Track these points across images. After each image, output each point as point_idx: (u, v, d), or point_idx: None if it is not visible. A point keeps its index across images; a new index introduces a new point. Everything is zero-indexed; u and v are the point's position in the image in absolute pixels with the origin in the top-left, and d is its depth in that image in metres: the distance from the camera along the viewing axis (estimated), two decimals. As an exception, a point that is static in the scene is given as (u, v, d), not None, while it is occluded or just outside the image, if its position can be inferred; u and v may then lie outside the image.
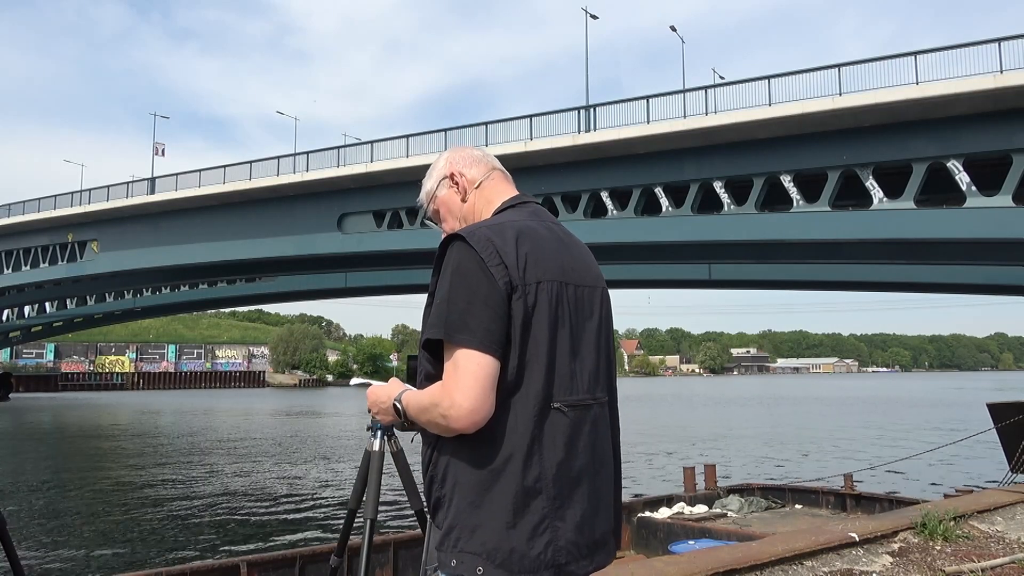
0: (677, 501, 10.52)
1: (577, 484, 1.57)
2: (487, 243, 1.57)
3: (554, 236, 1.70)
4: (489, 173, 1.88)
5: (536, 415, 1.54)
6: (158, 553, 11.13)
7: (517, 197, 1.82)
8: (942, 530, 5.23)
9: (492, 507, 1.51)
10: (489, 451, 1.53)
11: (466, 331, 1.51)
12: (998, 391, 62.85)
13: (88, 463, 22.21)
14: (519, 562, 1.49)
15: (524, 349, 1.55)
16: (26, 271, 43.99)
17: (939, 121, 19.55)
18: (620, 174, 24.91)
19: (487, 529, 1.50)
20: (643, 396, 72.13)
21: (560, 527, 1.53)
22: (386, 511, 13.11)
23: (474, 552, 1.51)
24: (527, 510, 1.50)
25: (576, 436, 1.59)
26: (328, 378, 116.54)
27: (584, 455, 1.60)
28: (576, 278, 1.68)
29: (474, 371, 1.50)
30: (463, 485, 1.55)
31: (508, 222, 1.66)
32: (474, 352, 1.50)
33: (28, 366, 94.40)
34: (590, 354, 1.67)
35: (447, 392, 1.51)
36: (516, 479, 1.51)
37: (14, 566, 2.76)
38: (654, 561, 4.73)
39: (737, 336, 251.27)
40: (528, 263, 1.58)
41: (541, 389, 1.55)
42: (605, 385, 1.71)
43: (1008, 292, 31.77)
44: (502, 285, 1.54)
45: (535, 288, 1.57)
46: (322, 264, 36.08)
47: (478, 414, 1.50)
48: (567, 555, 1.53)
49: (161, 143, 45.62)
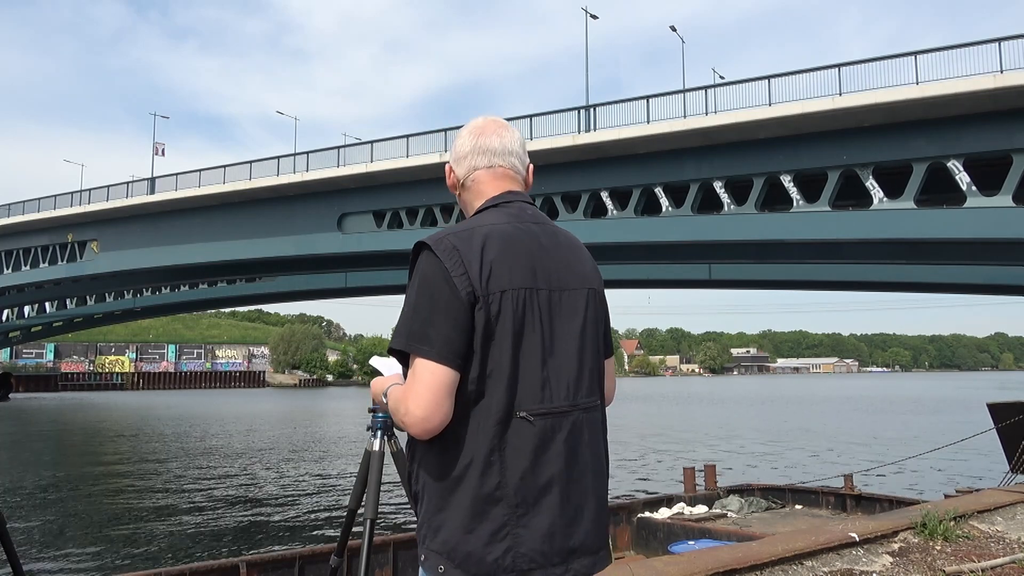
0: (677, 501, 10.52)
1: (546, 492, 1.56)
2: (452, 252, 1.57)
3: (532, 239, 1.66)
4: (471, 173, 1.82)
5: (496, 424, 1.54)
6: (158, 553, 11.13)
7: (499, 196, 1.76)
8: (942, 530, 5.22)
9: (452, 511, 1.54)
10: (450, 458, 1.56)
11: (425, 342, 1.53)
12: (999, 390, 62.87)
13: (88, 463, 22.21)
14: (476, 565, 1.51)
15: (486, 359, 1.55)
16: (26, 271, 44.00)
17: (939, 121, 19.55)
18: (620, 174, 24.91)
19: (448, 530, 1.54)
20: (643, 396, 72.16)
21: (522, 534, 1.53)
22: (386, 511, 13.11)
23: (436, 551, 1.55)
24: (485, 517, 1.52)
25: (546, 444, 1.57)
26: (328, 378, 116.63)
27: (556, 463, 1.58)
28: (553, 282, 1.64)
29: (428, 381, 1.52)
30: (429, 486, 1.59)
31: (479, 226, 1.64)
32: (430, 363, 1.52)
33: (28, 366, 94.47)
34: (570, 359, 1.64)
35: (404, 399, 1.56)
36: (474, 486, 1.53)
37: (14, 566, 2.76)
38: (654, 561, 4.73)
39: (737, 336, 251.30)
40: (493, 271, 1.57)
41: (503, 399, 1.55)
42: (590, 389, 1.68)
43: (1008, 292, 31.76)
44: (464, 295, 1.54)
45: (499, 297, 1.56)
46: (322, 264, 36.09)
47: (430, 423, 1.52)
48: (530, 562, 1.53)
49: (161, 143, 45.69)
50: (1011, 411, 9.36)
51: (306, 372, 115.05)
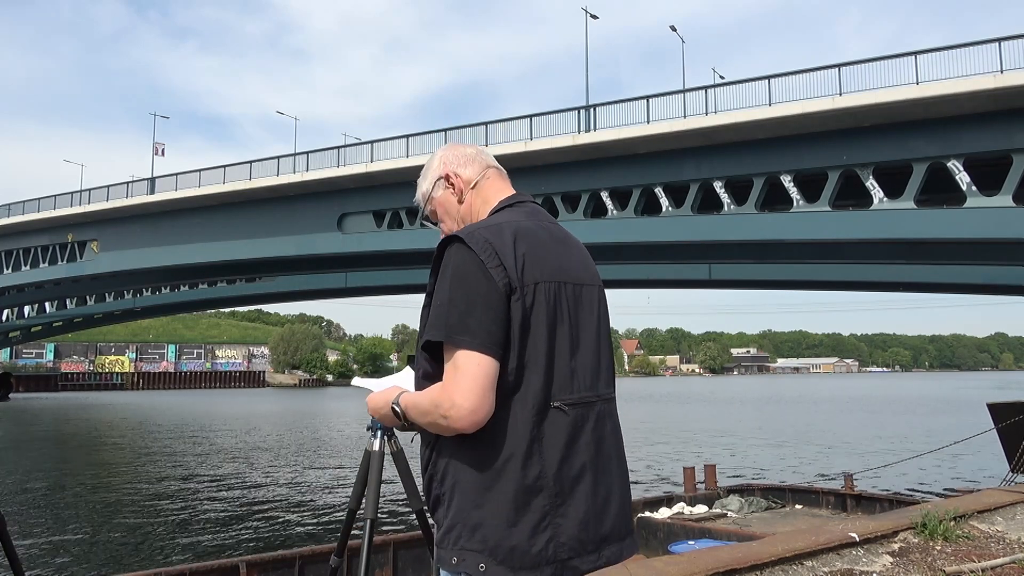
0: (677, 501, 10.51)
1: (579, 481, 1.58)
2: (485, 244, 1.58)
3: (551, 236, 1.71)
4: (484, 172, 1.87)
5: (535, 414, 1.56)
6: (158, 553, 11.13)
7: (514, 196, 1.82)
8: (942, 530, 5.21)
9: (493, 506, 1.53)
10: (490, 451, 1.55)
11: (467, 333, 1.53)
12: (999, 390, 62.87)
13: (87, 463, 22.21)
14: (521, 559, 1.51)
15: (523, 349, 1.57)
16: (26, 271, 44.00)
17: (939, 121, 19.54)
18: (620, 174, 24.91)
19: (488, 527, 1.53)
20: (643, 396, 72.14)
21: (562, 524, 1.55)
22: (386, 511, 13.11)
23: (475, 550, 1.53)
24: (528, 508, 1.52)
25: (577, 434, 1.60)
26: (328, 378, 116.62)
27: (586, 452, 1.61)
28: (574, 277, 1.69)
29: (474, 372, 1.51)
30: (464, 484, 1.57)
31: (506, 222, 1.67)
32: (474, 353, 1.52)
33: (28, 366, 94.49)
34: (590, 352, 1.68)
35: (447, 393, 1.53)
36: (516, 478, 1.53)
37: (14, 565, 2.76)
38: (654, 561, 4.72)
39: (737, 336, 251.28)
40: (526, 264, 1.59)
41: (540, 389, 1.57)
42: (607, 381, 1.73)
43: (1008, 292, 31.76)
44: (501, 286, 1.55)
45: (533, 289, 1.59)
46: (322, 264, 36.08)
47: (478, 414, 1.52)
48: (569, 551, 1.55)
49: (161, 143, 45.69)
50: (1011, 411, 9.38)
51: (306, 372, 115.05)
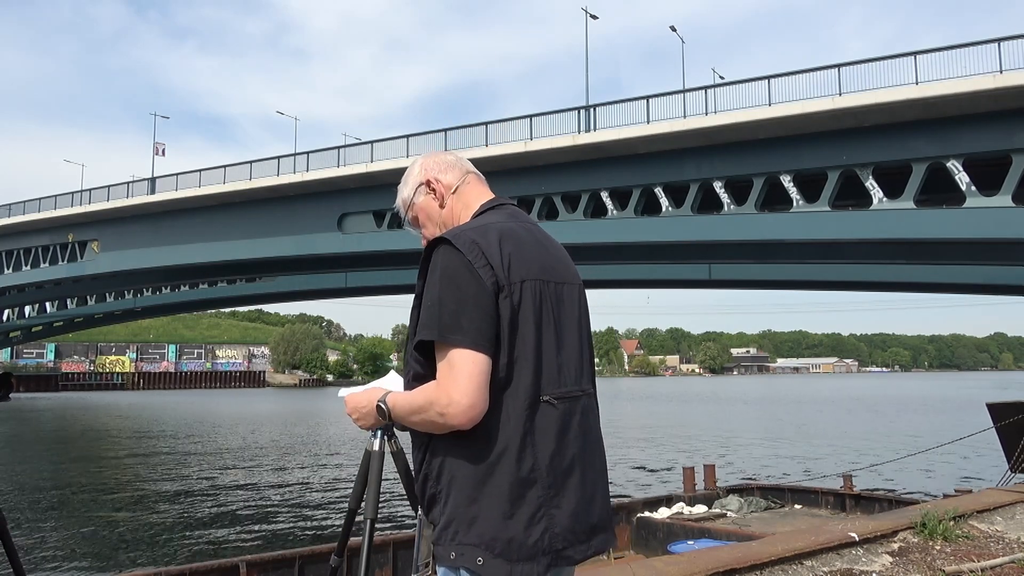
0: (677, 501, 10.52)
1: (570, 472, 1.63)
2: (472, 245, 1.62)
3: (533, 236, 1.76)
4: (464, 177, 1.93)
5: (527, 409, 1.60)
6: (158, 553, 11.13)
7: (494, 200, 1.88)
8: (942, 530, 5.23)
9: (489, 500, 1.57)
10: (484, 446, 1.59)
11: (459, 331, 1.57)
12: (998, 390, 62.88)
13: (88, 463, 22.21)
14: (518, 550, 1.55)
15: (513, 346, 1.61)
16: (26, 271, 44.01)
17: (939, 121, 19.56)
18: (620, 174, 24.92)
19: (484, 521, 1.56)
20: (643, 396, 72.15)
21: (556, 514, 1.59)
22: (386, 511, 13.11)
23: (473, 544, 1.57)
24: (523, 500, 1.57)
25: (567, 427, 1.65)
26: (328, 378, 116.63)
27: (575, 444, 1.66)
28: (556, 276, 1.74)
29: (469, 369, 1.56)
30: (459, 480, 1.61)
31: (490, 224, 1.72)
32: (468, 351, 1.56)
33: (28, 366, 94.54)
34: (574, 348, 1.74)
35: (444, 391, 1.57)
36: (511, 471, 1.57)
37: (14, 565, 2.76)
38: (654, 561, 4.73)
39: (737, 336, 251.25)
40: (512, 263, 1.64)
41: (531, 384, 1.62)
42: (589, 377, 1.79)
43: (1008, 292, 31.77)
44: (489, 285, 1.60)
45: (520, 287, 1.63)
46: (322, 264, 36.10)
47: (475, 410, 1.56)
48: (563, 541, 1.60)
49: (161, 143, 45.65)
50: (1011, 411, 9.37)
51: (306, 372, 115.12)
